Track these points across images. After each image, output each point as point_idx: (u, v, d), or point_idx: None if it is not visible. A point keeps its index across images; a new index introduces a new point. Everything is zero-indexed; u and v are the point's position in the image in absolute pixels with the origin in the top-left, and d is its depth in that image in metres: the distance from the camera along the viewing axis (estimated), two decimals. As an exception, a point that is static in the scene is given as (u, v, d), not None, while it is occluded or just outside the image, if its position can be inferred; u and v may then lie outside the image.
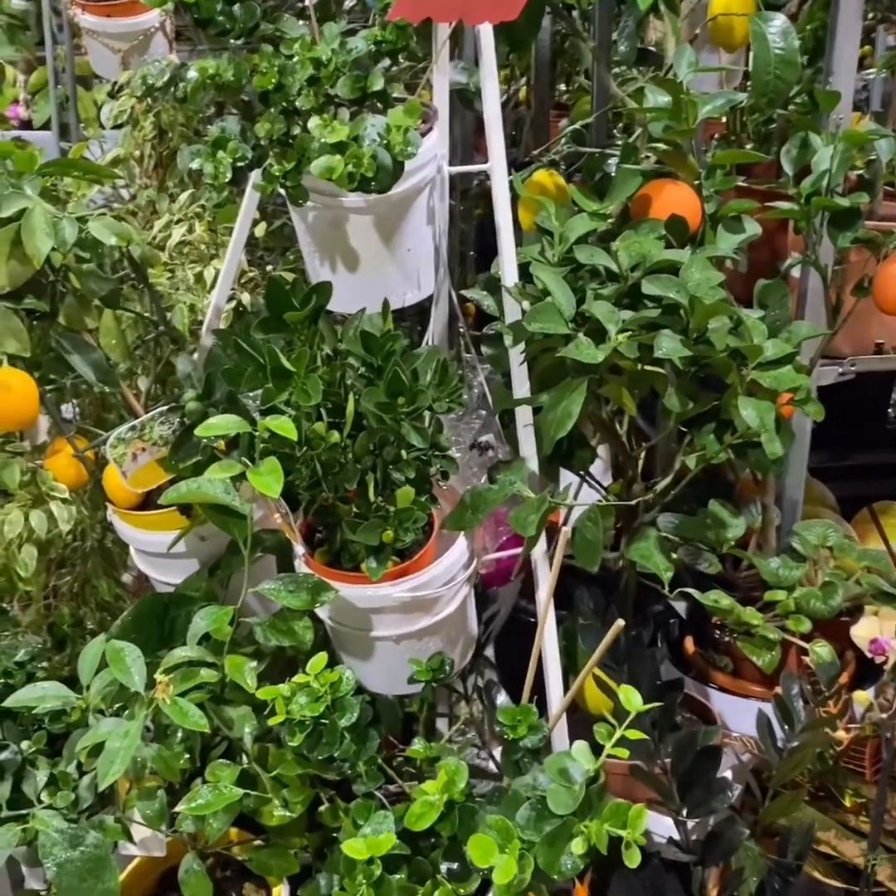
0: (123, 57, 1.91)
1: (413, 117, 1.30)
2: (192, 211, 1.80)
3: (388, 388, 1.28)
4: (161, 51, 1.96)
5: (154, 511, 1.47)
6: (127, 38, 1.91)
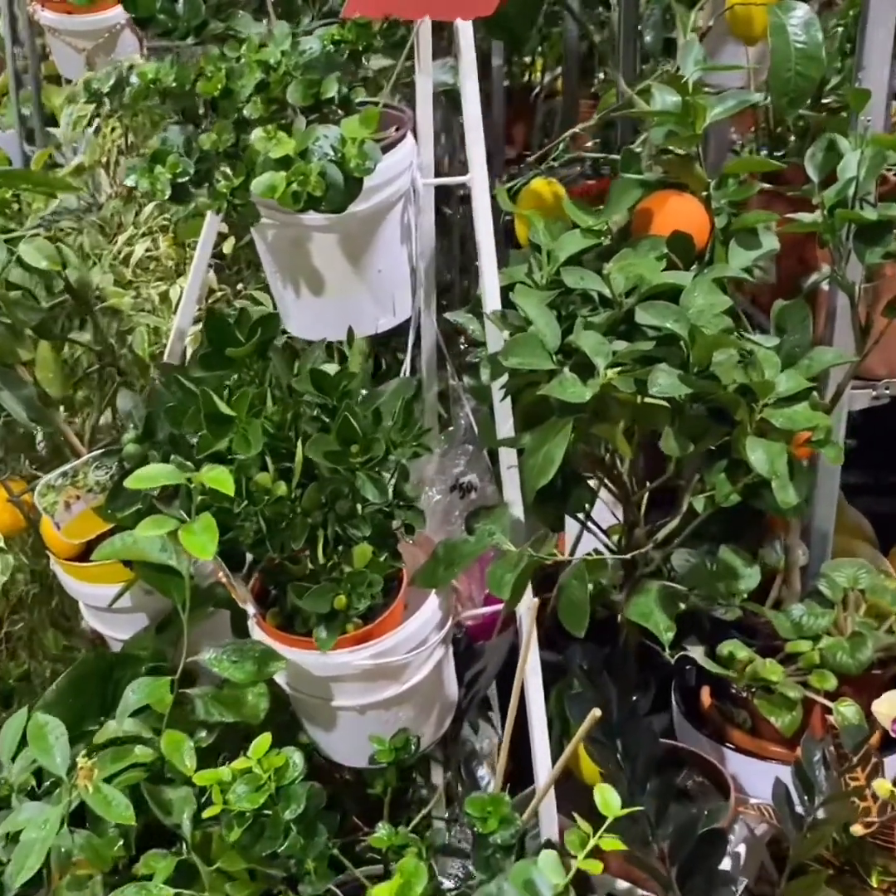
0: (88, 56, 1.78)
1: (370, 127, 1.14)
2: (157, 224, 1.65)
3: (339, 435, 1.13)
4: (130, 49, 1.82)
5: (96, 562, 1.33)
6: (91, 37, 1.78)
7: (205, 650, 1.21)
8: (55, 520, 1.29)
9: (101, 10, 1.77)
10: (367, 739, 1.30)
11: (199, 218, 1.67)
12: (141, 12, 1.22)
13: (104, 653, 1.36)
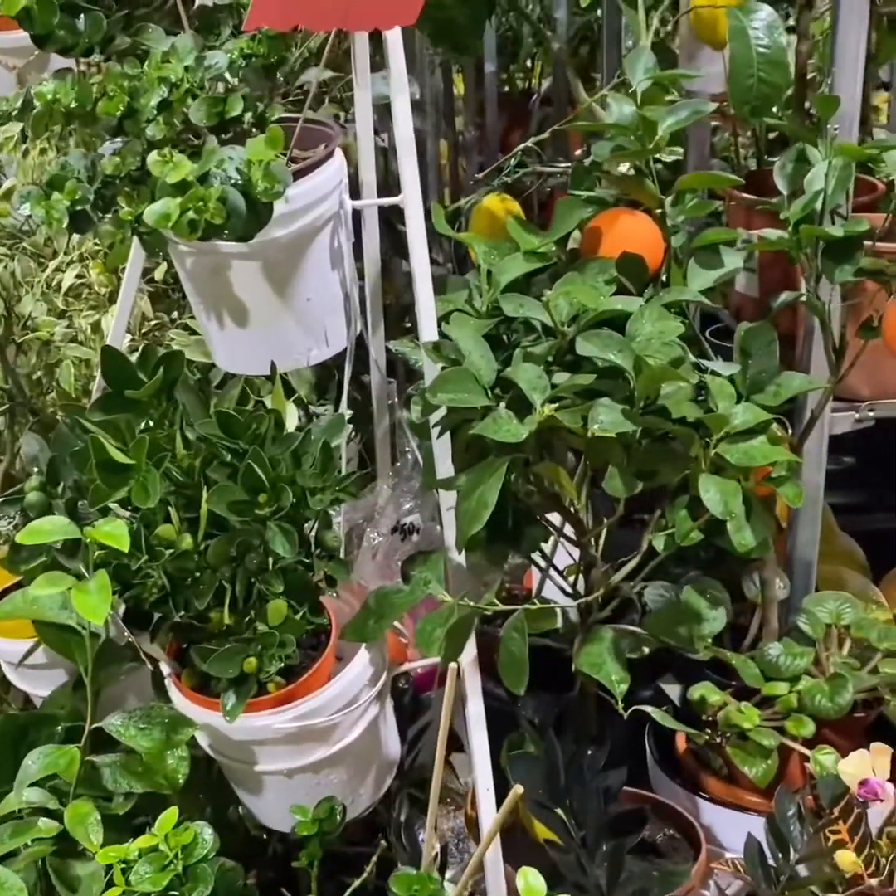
0: (19, 75, 1.69)
1: (276, 147, 1.05)
2: (88, 250, 1.57)
3: (245, 483, 1.04)
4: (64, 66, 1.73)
5: (5, 616, 1.25)
6: (21, 54, 1.69)
7: (111, 716, 1.12)
8: (-44, 574, 1.20)
9: (31, 26, 1.68)
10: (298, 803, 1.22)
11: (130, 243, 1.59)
12: (38, 29, 1.13)
13: (15, 715, 1.27)
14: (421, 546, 1.35)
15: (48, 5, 1.12)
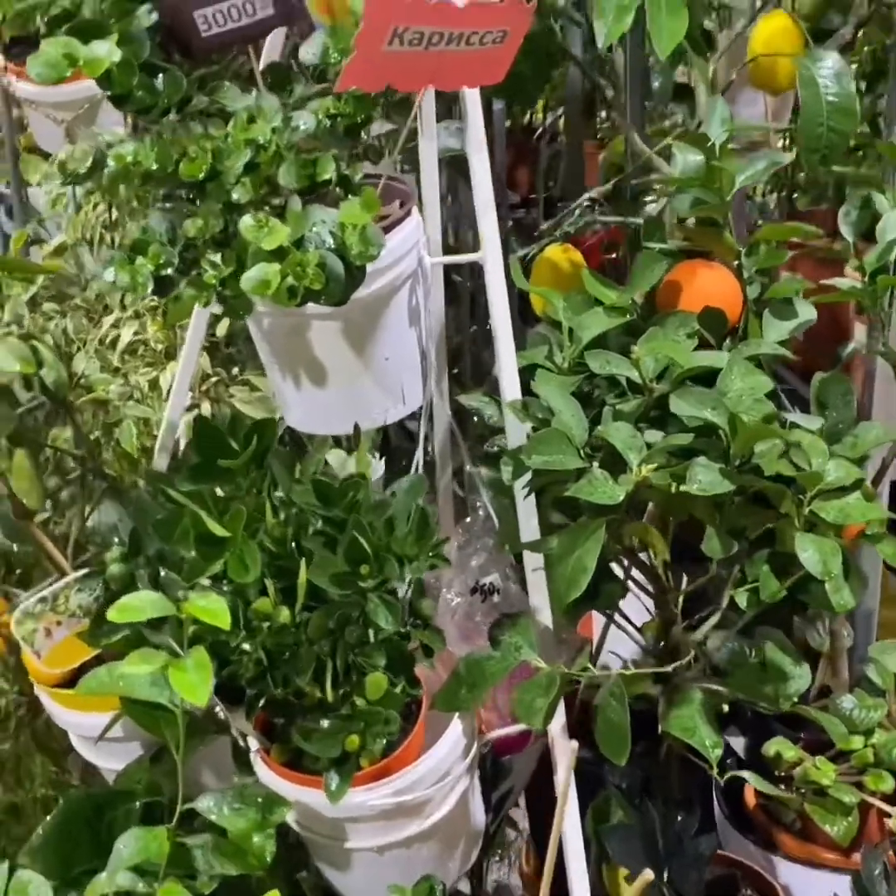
0: (68, 128, 1.67)
1: (371, 211, 1.03)
2: (145, 306, 1.54)
3: (347, 555, 1.01)
4: (113, 119, 1.72)
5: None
6: (70, 108, 1.67)
7: (203, 796, 1.08)
8: (34, 649, 1.16)
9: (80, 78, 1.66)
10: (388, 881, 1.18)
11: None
12: (116, 89, 1.11)
13: (92, 791, 1.23)
14: (501, 607, 1.32)
15: (128, 66, 1.10)
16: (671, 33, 1.26)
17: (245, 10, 1.17)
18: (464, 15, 1.00)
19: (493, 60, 1.09)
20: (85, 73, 1.07)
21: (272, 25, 1.19)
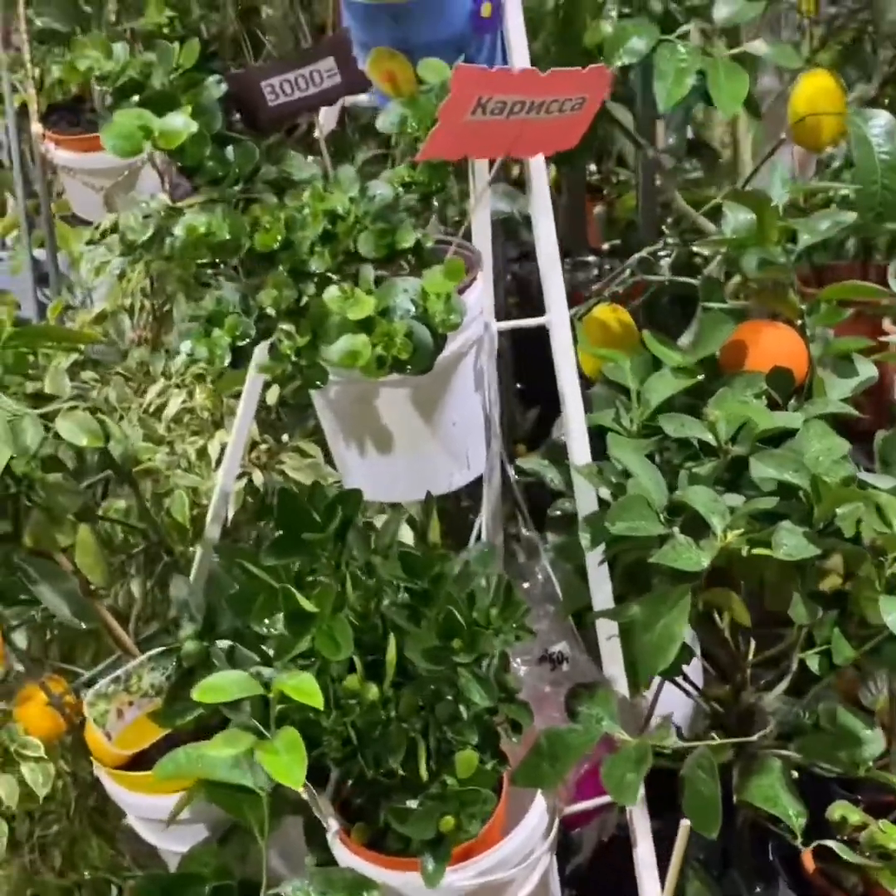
0: (106, 196, 1.66)
1: (455, 279, 1.02)
2: (191, 373, 1.52)
3: (439, 630, 0.98)
4: (152, 186, 1.71)
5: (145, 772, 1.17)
6: (109, 175, 1.66)
7: (287, 882, 1.04)
8: (106, 730, 1.13)
9: (120, 147, 1.65)
10: (468, 962, 1.14)
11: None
12: (188, 160, 1.10)
13: (158, 874, 1.19)
14: (571, 676, 1.29)
15: (201, 137, 1.09)
16: (732, 95, 1.26)
17: (312, 79, 1.16)
18: (547, 83, 1.00)
19: (570, 127, 1.09)
20: (160, 144, 1.06)
21: (338, 94, 1.18)
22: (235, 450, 1.40)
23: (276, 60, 1.21)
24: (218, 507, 1.41)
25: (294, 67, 1.15)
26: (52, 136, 1.68)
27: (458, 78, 0.96)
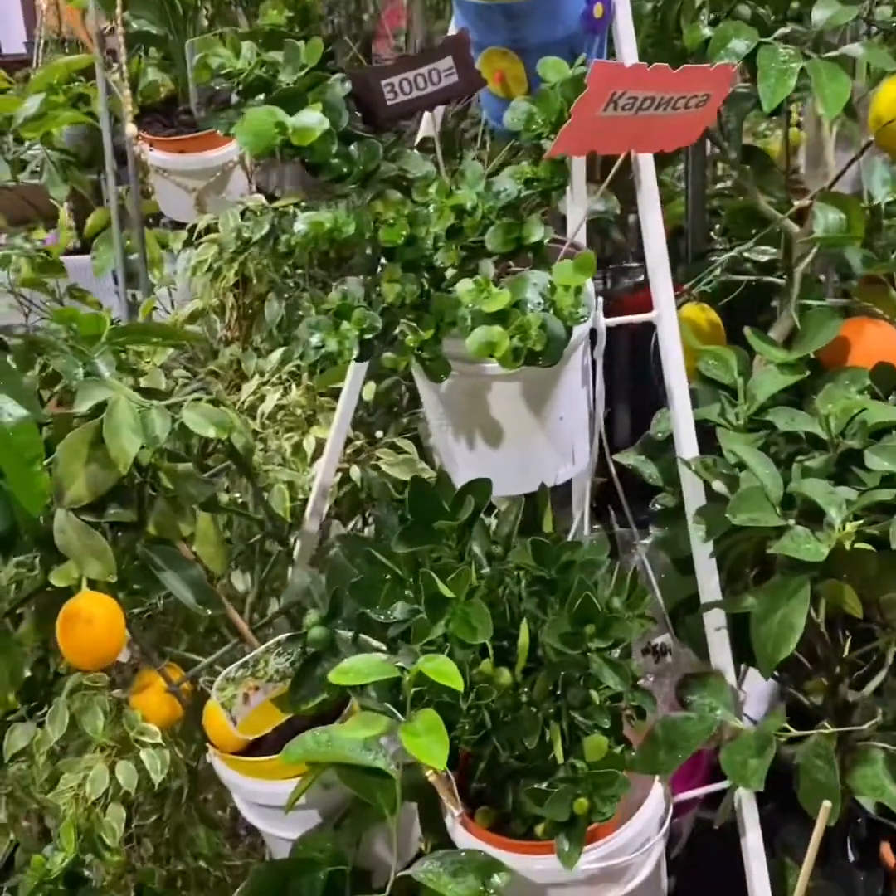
0: (198, 196, 1.69)
1: (587, 273, 1.04)
2: (286, 371, 1.55)
3: (574, 616, 1.00)
4: (240, 187, 1.74)
5: (267, 756, 1.19)
6: (202, 176, 1.69)
7: (418, 864, 1.06)
8: (232, 714, 1.15)
9: (214, 147, 1.69)
10: (583, 948, 1.16)
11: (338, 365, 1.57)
12: (316, 157, 1.12)
13: (277, 863, 1.21)
14: (674, 667, 1.31)
15: (328, 134, 1.11)
16: (835, 96, 1.28)
17: (430, 78, 1.18)
18: (677, 79, 1.02)
19: (692, 124, 1.11)
20: (294, 141, 1.08)
21: (455, 94, 1.20)
22: (335, 444, 1.43)
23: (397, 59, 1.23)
24: (318, 500, 1.44)
25: (414, 66, 1.18)
26: (146, 137, 1.70)
27: (597, 73, 0.99)
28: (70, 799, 1.20)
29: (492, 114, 1.37)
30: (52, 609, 1.33)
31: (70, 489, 1.11)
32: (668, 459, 1.35)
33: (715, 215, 2.28)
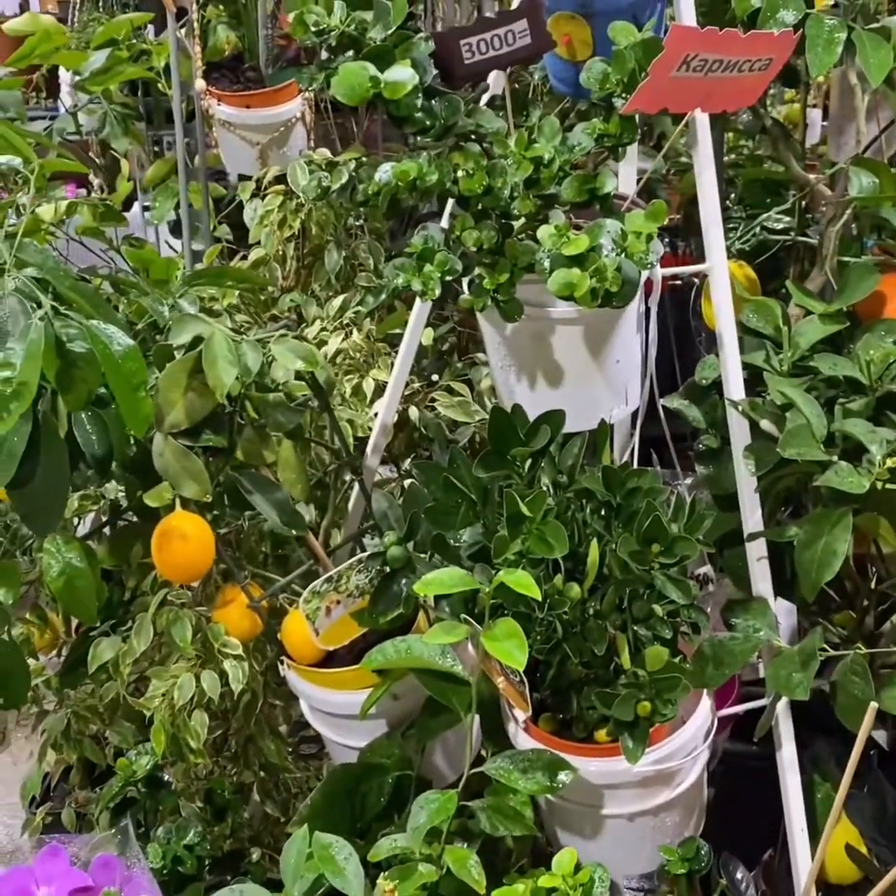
0: (262, 150, 1.77)
1: (658, 221, 1.13)
2: (346, 317, 1.63)
3: (642, 535, 1.10)
4: (300, 143, 1.81)
5: (341, 668, 1.29)
6: (266, 130, 1.77)
7: (491, 760, 1.16)
8: (315, 626, 1.24)
9: (279, 103, 1.77)
10: (632, 848, 1.26)
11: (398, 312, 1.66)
12: (402, 111, 1.20)
13: (350, 766, 1.31)
14: (717, 596, 1.41)
15: (415, 90, 1.19)
16: (879, 65, 1.36)
17: (506, 39, 1.27)
18: (745, 43, 1.11)
19: (754, 86, 1.19)
20: (386, 94, 1.16)
21: (528, 54, 1.29)
22: (398, 384, 1.51)
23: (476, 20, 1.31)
24: (378, 437, 1.53)
25: (491, 27, 1.26)
26: (214, 92, 1.78)
27: (674, 35, 1.07)
28: (159, 704, 1.29)
29: (555, 74, 1.45)
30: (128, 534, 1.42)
31: (170, 415, 1.20)
32: (711, 403, 1.45)
33: (730, 184, 2.37)
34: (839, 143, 2.06)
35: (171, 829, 1.34)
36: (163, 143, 2.21)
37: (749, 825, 1.43)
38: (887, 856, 1.26)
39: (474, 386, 1.65)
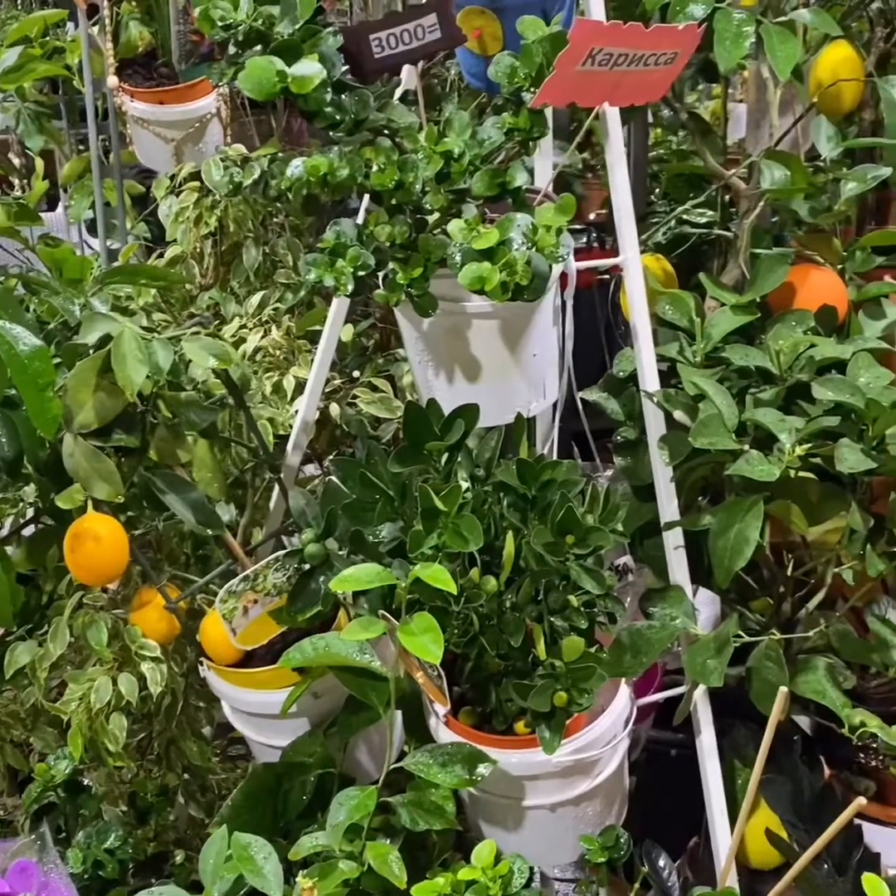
0: (176, 147, 1.75)
1: (568, 215, 1.13)
2: (266, 314, 1.62)
3: (557, 526, 1.10)
4: (216, 139, 1.80)
5: (260, 668, 1.28)
6: (181, 127, 1.75)
7: (412, 755, 1.16)
8: (232, 626, 1.23)
9: (193, 100, 1.75)
10: (554, 839, 1.27)
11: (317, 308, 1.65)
12: (311, 105, 1.19)
13: (271, 765, 1.30)
14: (638, 586, 1.42)
15: (323, 84, 1.18)
16: (786, 58, 1.38)
17: (415, 34, 1.26)
18: (650, 37, 1.12)
19: (659, 80, 1.20)
20: (293, 89, 1.16)
21: (438, 49, 1.29)
22: (318, 381, 1.51)
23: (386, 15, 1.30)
24: (299, 434, 1.52)
25: (400, 22, 1.26)
26: (127, 88, 1.76)
27: (579, 30, 1.07)
28: (76, 708, 1.28)
29: (467, 69, 1.45)
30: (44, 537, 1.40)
31: (79, 415, 1.19)
32: (629, 395, 1.46)
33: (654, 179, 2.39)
34: (756, 136, 2.09)
35: (91, 834, 1.32)
36: (87, 142, 2.18)
37: (676, 813, 1.45)
38: (805, 840, 1.27)
39: (396, 382, 1.64)
